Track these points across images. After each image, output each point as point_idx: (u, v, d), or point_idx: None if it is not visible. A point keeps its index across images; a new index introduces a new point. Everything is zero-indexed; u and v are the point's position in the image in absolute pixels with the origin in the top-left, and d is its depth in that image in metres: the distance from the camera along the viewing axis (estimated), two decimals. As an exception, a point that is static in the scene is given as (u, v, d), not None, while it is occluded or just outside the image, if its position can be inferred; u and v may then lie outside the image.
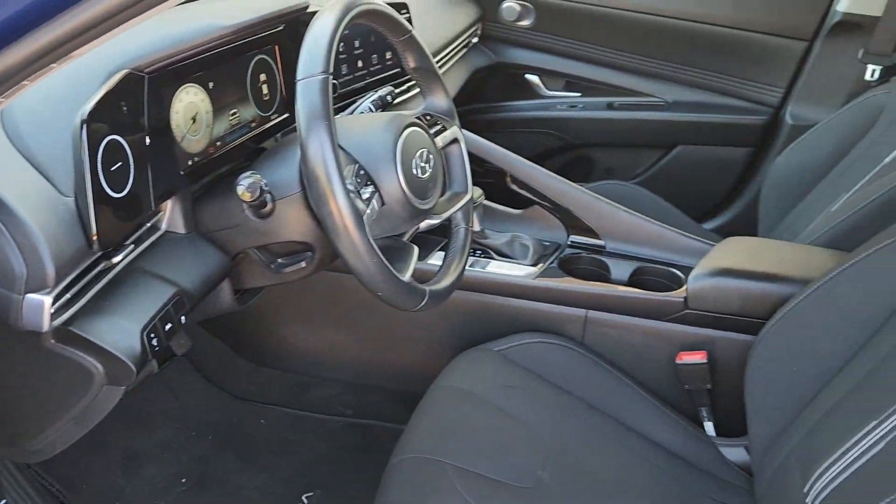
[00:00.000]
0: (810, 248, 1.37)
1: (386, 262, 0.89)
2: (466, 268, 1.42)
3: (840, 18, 1.93)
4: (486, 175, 1.53)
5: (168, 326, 0.86)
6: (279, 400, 1.59)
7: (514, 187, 1.52)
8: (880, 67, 1.89)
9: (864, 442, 0.96)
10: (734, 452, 1.30)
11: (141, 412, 1.49)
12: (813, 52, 1.99)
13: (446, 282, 1.04)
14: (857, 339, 1.08)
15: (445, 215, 1.09)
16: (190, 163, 0.95)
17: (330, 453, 1.49)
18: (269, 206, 0.96)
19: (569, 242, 1.51)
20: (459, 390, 1.23)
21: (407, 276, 0.94)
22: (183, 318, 0.89)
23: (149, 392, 1.52)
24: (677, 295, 1.32)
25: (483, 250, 1.49)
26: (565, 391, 1.29)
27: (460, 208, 1.13)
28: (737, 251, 1.36)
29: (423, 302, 0.96)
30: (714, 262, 1.32)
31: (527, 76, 2.26)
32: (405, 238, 1.36)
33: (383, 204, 0.95)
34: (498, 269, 1.43)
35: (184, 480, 1.41)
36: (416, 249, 1.01)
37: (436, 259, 1.46)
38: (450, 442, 1.11)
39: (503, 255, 1.48)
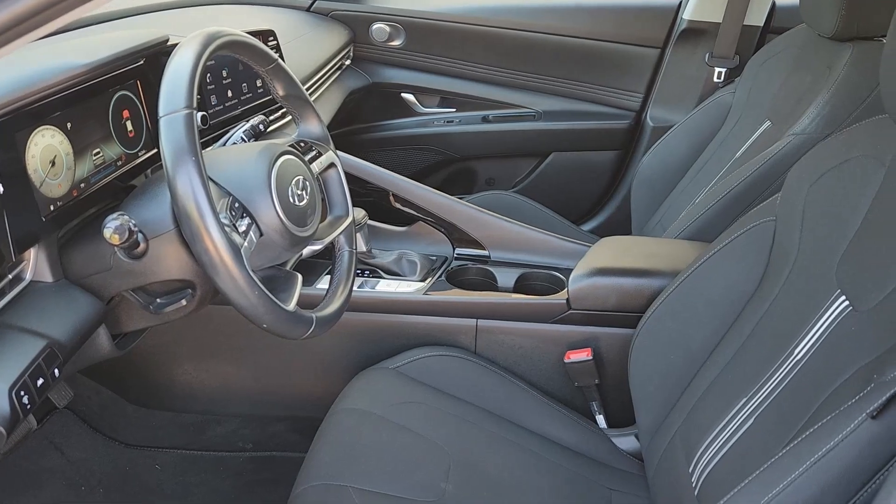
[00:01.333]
0: (677, 242, 1.47)
1: (268, 293, 0.89)
2: (355, 289, 1.43)
3: (686, 26, 2.08)
4: (369, 195, 1.55)
5: (40, 382, 0.82)
6: (174, 443, 1.54)
7: (398, 205, 1.54)
8: (725, 69, 2.05)
9: (735, 419, 1.03)
10: (626, 441, 1.37)
11: (25, 472, 1.41)
12: (665, 58, 2.13)
13: (333, 306, 1.04)
14: (722, 324, 1.17)
15: (328, 240, 1.09)
16: (52, 208, 0.91)
17: (232, 490, 1.46)
18: (142, 245, 0.93)
19: (455, 255, 1.54)
20: (358, 411, 1.23)
21: (292, 305, 0.94)
22: (56, 371, 0.85)
23: (31, 450, 1.43)
24: (559, 297, 1.38)
25: (371, 270, 1.50)
26: (463, 401, 1.32)
27: (342, 232, 1.13)
28: (611, 250, 1.44)
29: (311, 329, 0.96)
30: (590, 262, 1.39)
31: (402, 95, 2.29)
32: (288, 266, 1.35)
33: (261, 235, 0.94)
34: (387, 287, 1.45)
35: (76, 539, 1.34)
36: (299, 277, 1.01)
37: (323, 283, 1.46)
38: (352, 465, 1.11)
39: (391, 272, 1.50)
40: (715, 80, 2.05)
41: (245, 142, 1.21)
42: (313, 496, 1.07)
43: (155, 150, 1.11)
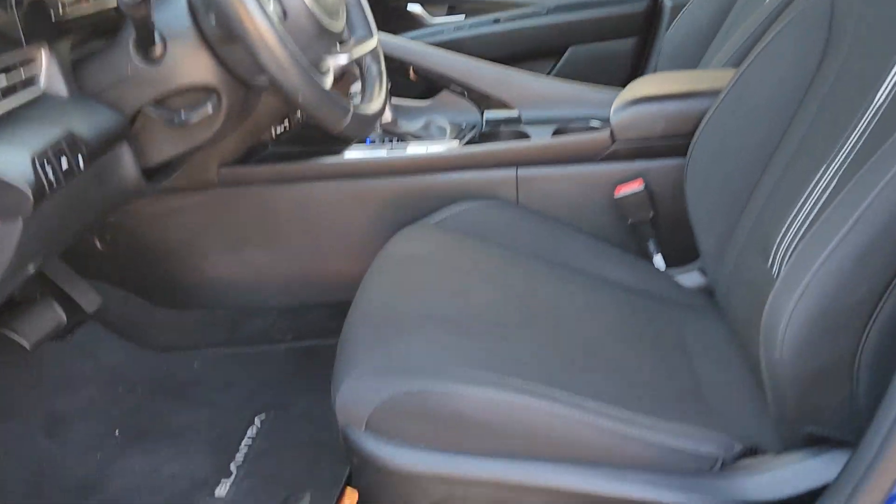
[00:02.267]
0: (719, 69, 1.39)
1: (303, 63, 0.82)
2: (384, 154, 1.36)
3: None
4: (387, 74, 1.47)
5: (64, 162, 0.75)
6: (210, 341, 1.46)
7: (418, 77, 1.47)
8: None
9: (812, 197, 0.96)
10: (689, 278, 1.29)
11: (58, 377, 1.34)
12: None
13: (372, 106, 0.97)
14: (783, 116, 1.09)
15: (355, 54, 1.02)
16: (62, 11, 0.85)
17: (275, 379, 1.38)
18: (159, 46, 0.86)
19: (485, 120, 1.47)
20: (403, 256, 1.16)
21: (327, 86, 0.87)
22: (80, 160, 0.78)
23: (63, 356, 1.36)
24: (602, 133, 1.30)
25: (399, 137, 1.42)
26: (512, 249, 1.24)
27: (369, 51, 1.06)
28: (651, 82, 1.36)
29: (347, 119, 0.89)
30: (632, 93, 1.31)
31: (409, 8, 2.22)
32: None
33: (286, 17, 0.87)
34: (417, 149, 1.37)
35: (117, 432, 1.26)
36: (332, 66, 0.94)
37: (349, 152, 1.38)
38: (404, 295, 1.04)
39: (420, 139, 1.43)
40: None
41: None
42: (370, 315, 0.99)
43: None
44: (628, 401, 0.89)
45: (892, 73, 0.89)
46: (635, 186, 1.27)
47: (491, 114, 1.46)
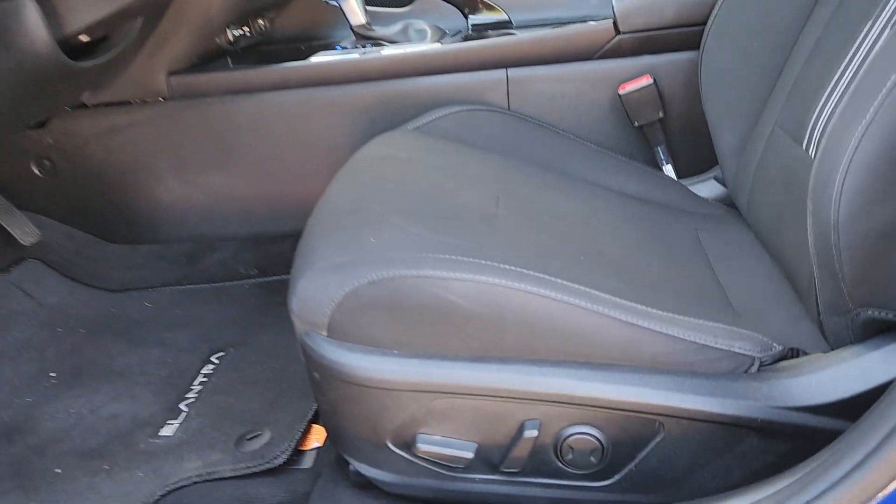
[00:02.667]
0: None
1: None
2: (355, 56, 1.20)
3: None
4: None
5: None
6: (166, 279, 1.30)
7: None
8: None
9: (845, 75, 0.82)
10: (704, 188, 1.13)
11: (-14, 315, 1.17)
12: None
13: None
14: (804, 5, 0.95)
15: None
16: None
17: (236, 316, 1.22)
18: None
19: (470, 25, 1.31)
20: (377, 157, 1.00)
21: None
22: None
23: (-5, 294, 1.20)
24: (604, 24, 1.14)
25: (373, 42, 1.26)
26: (503, 156, 1.08)
27: None
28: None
29: None
30: (637, -21, 1.15)
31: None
32: None
33: None
34: (394, 51, 1.21)
35: (53, 374, 1.10)
36: None
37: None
38: (378, 193, 0.87)
39: (396, 44, 1.27)
40: None
41: None
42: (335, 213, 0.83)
43: None
44: (645, 299, 0.74)
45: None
46: (643, 81, 1.11)
47: (477, 18, 1.31)
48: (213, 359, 1.12)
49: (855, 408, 0.69)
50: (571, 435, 0.72)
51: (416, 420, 0.74)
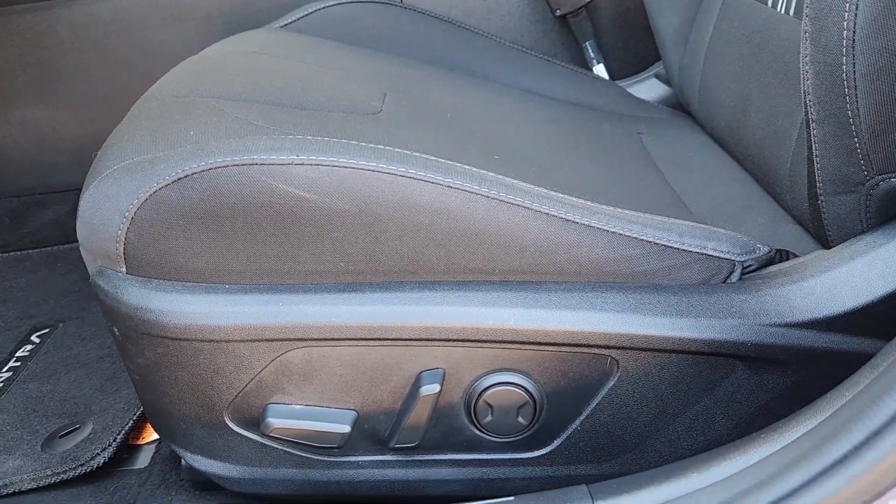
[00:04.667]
0: None
1: None
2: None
3: None
4: None
5: None
6: (-20, 246, 1.03)
7: None
8: None
9: None
10: (644, 89, 0.93)
11: None
12: None
13: None
14: None
15: None
16: None
17: (68, 286, 0.96)
18: None
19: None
20: (226, 53, 0.75)
21: None
22: None
23: None
24: None
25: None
26: (400, 56, 0.85)
27: None
28: None
29: None
30: None
31: None
32: None
33: None
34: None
35: None
36: None
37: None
38: (217, 83, 0.63)
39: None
40: None
41: None
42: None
43: None
44: (582, 196, 0.52)
45: None
46: (564, -43, 0.90)
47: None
48: (33, 338, 0.86)
49: (880, 318, 0.50)
50: (489, 387, 0.50)
51: (264, 384, 0.51)
